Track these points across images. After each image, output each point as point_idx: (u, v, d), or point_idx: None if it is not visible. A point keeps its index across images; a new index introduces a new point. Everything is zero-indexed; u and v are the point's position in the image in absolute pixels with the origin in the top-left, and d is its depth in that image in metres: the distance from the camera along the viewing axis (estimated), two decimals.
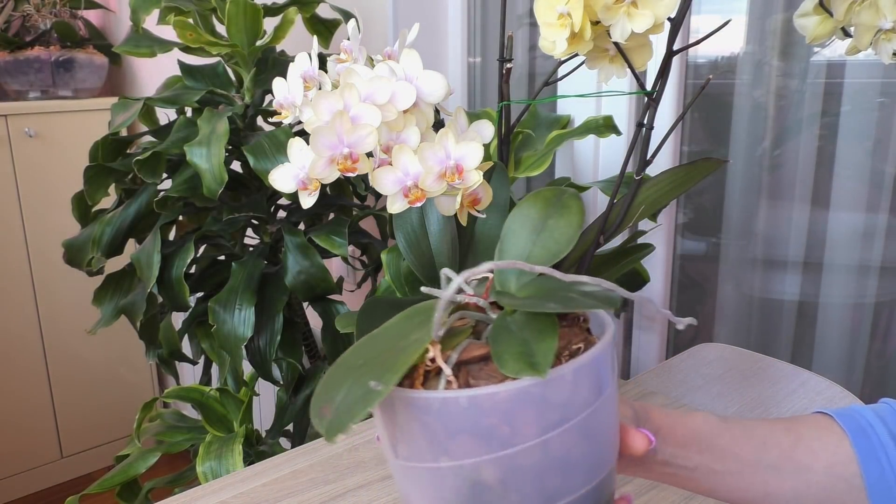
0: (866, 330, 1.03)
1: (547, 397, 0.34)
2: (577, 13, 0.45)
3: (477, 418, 0.34)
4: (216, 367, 1.08)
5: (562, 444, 0.35)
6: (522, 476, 0.35)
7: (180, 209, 1.06)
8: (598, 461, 0.37)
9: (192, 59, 1.10)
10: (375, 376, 0.33)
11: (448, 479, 0.35)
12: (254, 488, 0.67)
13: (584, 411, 0.35)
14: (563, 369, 0.34)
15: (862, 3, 0.51)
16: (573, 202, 0.41)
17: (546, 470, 0.35)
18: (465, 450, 0.34)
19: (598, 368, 0.36)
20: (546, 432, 0.34)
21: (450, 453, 0.35)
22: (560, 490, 0.35)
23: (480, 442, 0.34)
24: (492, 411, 0.33)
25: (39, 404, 2.13)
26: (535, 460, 0.34)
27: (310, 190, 0.46)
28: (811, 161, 1.04)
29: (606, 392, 0.36)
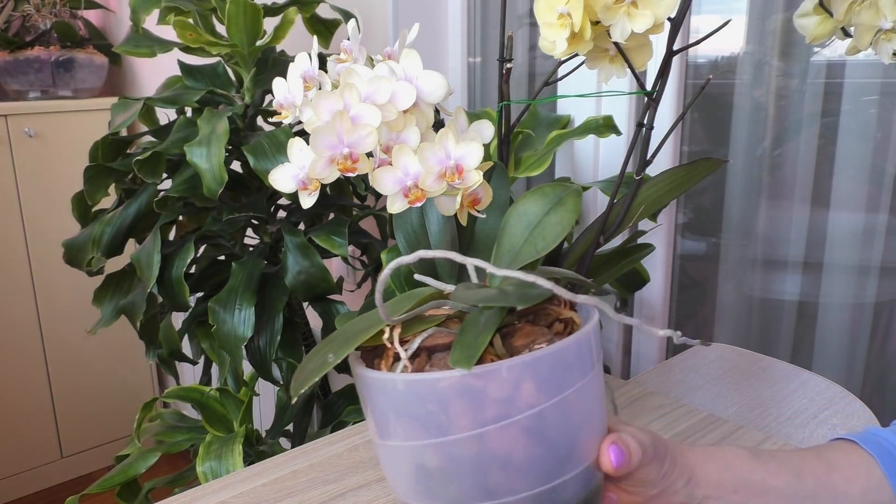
0: (866, 330, 1.03)
1: (485, 391, 0.34)
2: (577, 13, 0.45)
3: (417, 403, 0.35)
4: (216, 367, 1.08)
5: (501, 440, 0.35)
6: (461, 467, 0.35)
7: (180, 209, 1.06)
8: (553, 464, 0.36)
9: (192, 59, 1.10)
10: (334, 351, 0.38)
11: (399, 457, 0.37)
12: (254, 488, 0.67)
13: (527, 411, 0.35)
14: (498, 365, 0.34)
15: (862, 3, 0.51)
16: (570, 199, 0.41)
17: (486, 464, 0.35)
18: (408, 432, 0.36)
19: (547, 370, 0.35)
20: (482, 426, 0.34)
21: (396, 434, 0.37)
22: (503, 487, 0.35)
23: (419, 426, 0.35)
24: (430, 398, 0.35)
25: (39, 404, 2.13)
26: (473, 453, 0.35)
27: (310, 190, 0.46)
28: (811, 161, 1.04)
29: (562, 395, 0.36)
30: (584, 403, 0.37)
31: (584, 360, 0.37)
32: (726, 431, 0.75)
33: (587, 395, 0.37)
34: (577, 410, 0.37)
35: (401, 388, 0.36)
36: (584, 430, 0.38)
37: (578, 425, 0.37)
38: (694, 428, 0.76)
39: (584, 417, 0.37)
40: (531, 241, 0.40)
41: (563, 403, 0.36)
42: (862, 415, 0.84)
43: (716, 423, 0.77)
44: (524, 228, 0.41)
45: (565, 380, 0.36)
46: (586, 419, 0.38)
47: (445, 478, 0.36)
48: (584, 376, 0.37)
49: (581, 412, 0.37)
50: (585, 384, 0.37)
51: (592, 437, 0.38)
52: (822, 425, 0.82)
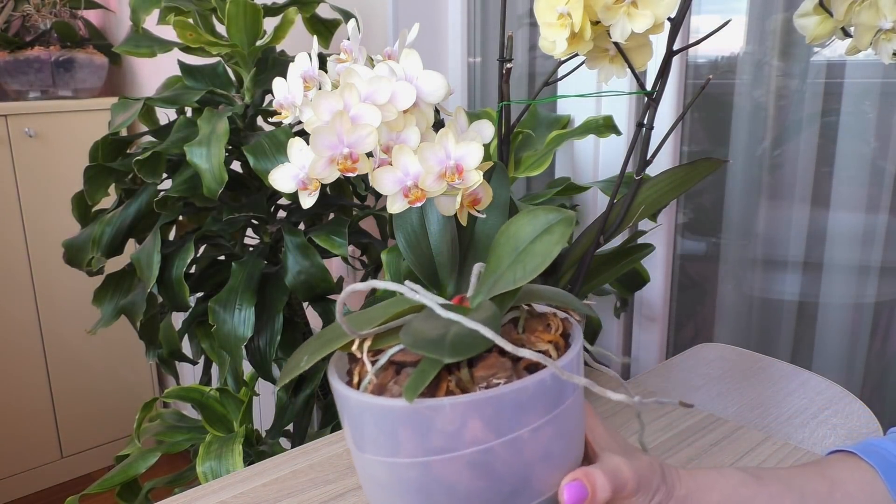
0: (866, 330, 1.03)
1: (432, 423, 0.35)
2: (577, 13, 0.45)
3: (371, 422, 0.36)
4: (216, 367, 1.08)
5: (446, 470, 0.35)
6: (408, 488, 0.36)
7: (180, 209, 1.06)
8: (500, 497, 0.36)
9: (192, 59, 1.10)
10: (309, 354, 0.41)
11: (359, 465, 0.39)
12: (254, 488, 0.67)
13: (473, 447, 0.35)
14: (441, 402, 0.35)
15: (862, 3, 0.51)
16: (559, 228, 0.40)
17: (431, 489, 0.36)
18: (363, 445, 0.37)
19: (495, 411, 0.35)
20: (427, 454, 0.35)
21: (355, 443, 0.38)
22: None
23: (372, 443, 0.36)
24: (382, 420, 0.36)
25: (39, 404, 2.13)
26: (418, 476, 0.36)
27: (310, 190, 0.46)
28: (811, 161, 1.04)
29: (513, 435, 0.35)
30: (542, 441, 0.36)
31: (547, 398, 0.36)
32: (726, 431, 0.75)
33: (546, 433, 0.36)
34: (532, 448, 0.36)
35: (354, 406, 0.37)
36: (541, 465, 0.37)
37: (532, 462, 0.37)
38: (694, 428, 0.76)
39: (542, 454, 0.37)
40: (511, 269, 0.40)
41: (515, 442, 0.35)
42: (862, 415, 0.84)
43: (716, 423, 0.77)
44: (510, 252, 0.41)
45: (518, 420, 0.35)
46: (545, 455, 0.37)
47: (394, 494, 0.37)
48: (544, 415, 0.36)
49: (537, 449, 0.36)
50: (546, 423, 0.36)
51: (553, 471, 0.38)
52: (822, 425, 0.82)
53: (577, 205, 1.14)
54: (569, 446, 0.39)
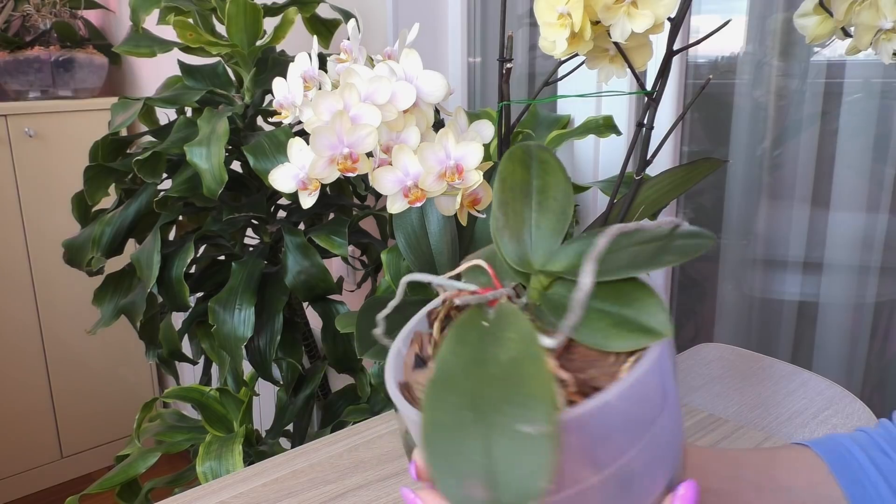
0: (866, 330, 1.03)
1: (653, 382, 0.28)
2: (577, 13, 0.45)
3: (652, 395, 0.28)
4: (216, 367, 1.08)
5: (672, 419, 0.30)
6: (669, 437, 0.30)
7: (180, 209, 1.06)
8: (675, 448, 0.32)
9: (192, 59, 1.10)
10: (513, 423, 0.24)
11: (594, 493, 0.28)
12: (254, 488, 0.67)
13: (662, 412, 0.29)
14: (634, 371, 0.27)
15: (862, 3, 0.51)
16: (550, 157, 0.35)
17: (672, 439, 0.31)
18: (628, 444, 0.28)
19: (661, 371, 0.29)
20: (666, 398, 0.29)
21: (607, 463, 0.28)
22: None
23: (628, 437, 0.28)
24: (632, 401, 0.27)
25: (39, 404, 2.13)
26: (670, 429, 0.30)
27: (310, 190, 0.46)
28: (811, 161, 1.04)
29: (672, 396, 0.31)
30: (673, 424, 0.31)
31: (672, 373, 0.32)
32: (726, 431, 0.75)
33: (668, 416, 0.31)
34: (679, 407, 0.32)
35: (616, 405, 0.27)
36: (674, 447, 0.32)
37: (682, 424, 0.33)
38: (694, 428, 0.76)
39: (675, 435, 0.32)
40: (546, 207, 0.34)
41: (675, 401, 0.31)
42: (862, 415, 0.84)
43: (716, 423, 0.77)
44: (524, 198, 0.34)
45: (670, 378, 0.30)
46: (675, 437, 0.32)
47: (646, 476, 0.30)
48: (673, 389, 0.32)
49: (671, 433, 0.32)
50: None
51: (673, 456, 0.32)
52: (822, 425, 0.82)
53: (577, 205, 1.14)
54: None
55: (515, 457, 0.23)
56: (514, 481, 0.22)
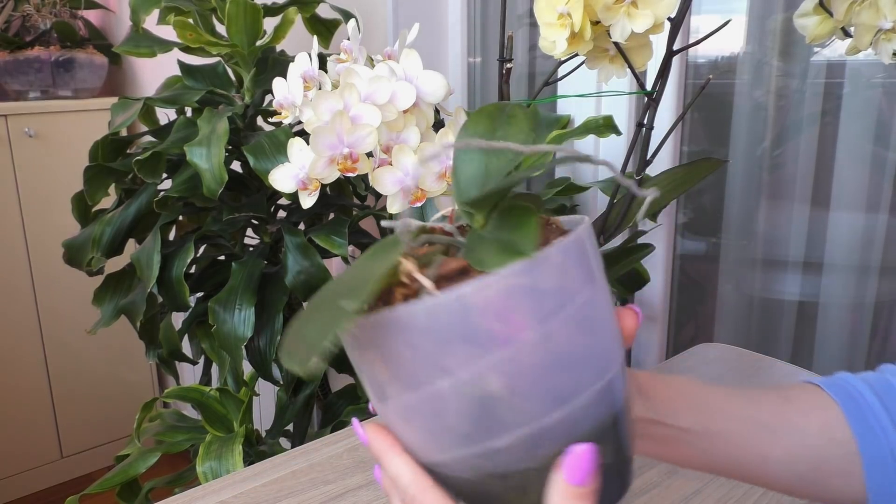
0: (866, 330, 1.03)
1: (538, 285, 0.31)
2: (577, 13, 0.45)
3: (469, 322, 0.30)
4: (216, 367, 1.08)
5: (563, 335, 0.32)
6: (530, 377, 0.32)
7: (180, 209, 1.06)
8: (605, 354, 0.34)
9: (192, 59, 1.10)
10: (346, 298, 0.30)
11: (449, 401, 0.32)
12: (254, 488, 0.67)
13: (579, 298, 0.32)
14: (549, 250, 0.31)
15: (862, 3, 0.51)
16: (518, 111, 0.37)
17: (552, 367, 0.32)
18: (463, 361, 0.31)
19: (585, 252, 0.33)
20: (545, 323, 0.31)
21: (447, 370, 0.31)
22: (570, 388, 0.32)
23: (478, 348, 0.31)
24: (484, 310, 0.30)
25: (39, 404, 2.13)
26: (540, 357, 0.31)
27: (310, 190, 0.46)
28: (811, 161, 1.04)
29: (599, 280, 0.34)
30: (608, 288, 0.35)
31: (597, 248, 0.35)
32: None
33: (598, 294, 0.34)
34: (608, 294, 0.35)
35: (453, 309, 0.30)
36: (613, 315, 0.35)
37: (611, 316, 0.35)
38: None
39: (611, 302, 0.35)
40: (495, 155, 0.36)
41: (601, 287, 0.34)
42: None
43: None
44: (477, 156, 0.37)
45: (595, 263, 0.34)
46: (611, 304, 0.35)
47: (512, 397, 0.32)
48: (600, 264, 0.35)
49: (609, 296, 0.35)
50: (601, 282, 0.35)
51: (616, 321, 0.36)
52: None
53: (577, 205, 1.14)
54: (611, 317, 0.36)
55: (323, 322, 0.29)
56: (314, 337, 0.29)
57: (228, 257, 1.17)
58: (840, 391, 0.45)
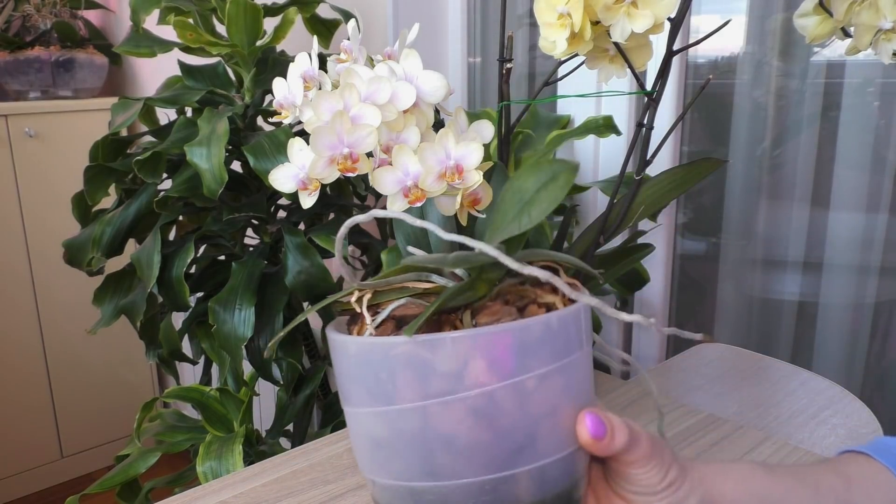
0: (866, 330, 1.03)
1: (432, 363, 0.33)
2: (577, 13, 0.45)
3: (368, 369, 0.35)
4: (216, 367, 1.08)
5: (445, 418, 0.33)
6: (406, 441, 0.34)
7: (180, 209, 1.06)
8: (502, 453, 0.34)
9: (192, 59, 1.10)
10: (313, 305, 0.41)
11: (356, 425, 0.37)
12: (254, 488, 0.67)
13: (474, 390, 0.33)
14: (444, 336, 0.33)
15: (862, 3, 0.51)
16: (563, 176, 0.39)
17: (430, 442, 0.34)
18: (360, 399, 0.35)
19: (500, 349, 0.33)
20: (425, 399, 0.33)
21: (352, 399, 0.36)
22: (447, 469, 0.34)
23: (368, 394, 0.35)
24: (380, 364, 0.34)
25: (39, 404, 2.13)
26: (416, 427, 0.34)
27: (310, 190, 0.46)
28: (811, 161, 1.04)
29: (517, 379, 0.34)
30: (548, 393, 0.34)
31: (553, 344, 0.35)
32: (726, 431, 0.75)
33: (552, 384, 0.34)
34: (537, 400, 0.34)
35: (353, 352, 0.36)
36: (547, 421, 0.35)
37: (538, 416, 0.34)
38: (694, 428, 0.76)
39: (549, 408, 0.35)
40: (517, 219, 0.39)
41: (518, 388, 0.34)
42: (862, 415, 0.84)
43: (716, 423, 0.77)
44: (515, 205, 0.40)
45: (523, 363, 0.34)
46: (551, 411, 0.35)
47: (391, 451, 0.35)
48: (549, 363, 0.34)
49: (543, 402, 0.34)
50: (552, 371, 0.34)
51: (561, 430, 0.36)
52: (822, 425, 0.82)
53: (577, 205, 1.14)
54: (577, 406, 0.36)
55: None
56: None
57: (228, 257, 1.17)
58: (891, 457, 0.45)
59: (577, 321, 0.36)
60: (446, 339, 0.33)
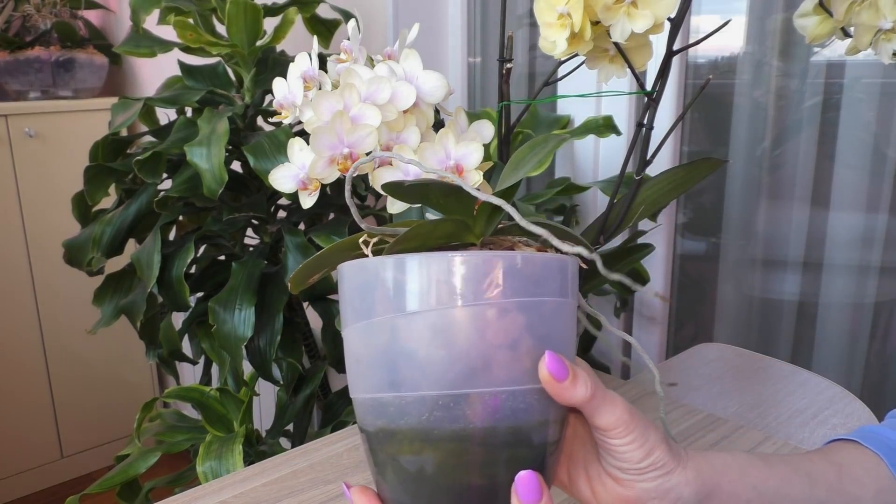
0: (866, 330, 1.03)
1: (402, 282, 0.37)
2: (577, 13, 0.45)
3: (354, 289, 0.39)
4: (216, 367, 1.08)
5: (408, 332, 0.37)
6: (376, 353, 0.38)
7: (180, 209, 1.06)
8: (457, 372, 0.36)
9: (192, 59, 1.10)
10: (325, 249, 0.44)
11: (346, 343, 0.41)
12: (254, 488, 0.67)
13: (434, 309, 0.36)
14: (413, 256, 0.37)
15: (862, 3, 0.51)
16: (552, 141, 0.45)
17: (394, 354, 0.37)
18: (347, 318, 0.40)
19: (458, 273, 0.36)
20: (395, 313, 0.37)
21: (345, 322, 0.40)
22: (407, 382, 0.37)
23: (353, 312, 0.39)
24: (363, 283, 0.38)
25: (39, 404, 2.13)
26: (384, 340, 0.37)
27: (310, 190, 0.46)
28: (811, 161, 1.04)
29: (472, 305, 0.36)
30: (509, 327, 0.36)
31: (520, 281, 0.37)
32: (726, 431, 0.75)
33: (514, 320, 0.36)
34: (496, 330, 0.36)
35: (345, 275, 0.39)
36: (505, 353, 0.37)
37: (497, 345, 0.36)
38: (694, 428, 0.76)
39: (509, 342, 0.37)
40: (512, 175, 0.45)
41: (478, 315, 0.36)
42: (862, 415, 0.84)
43: (716, 423, 0.77)
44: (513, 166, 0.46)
45: (484, 292, 0.36)
46: (512, 344, 0.37)
47: (365, 365, 0.39)
48: (512, 296, 0.36)
49: (504, 333, 0.36)
50: (514, 307, 0.36)
51: (519, 364, 0.37)
52: (822, 425, 0.82)
53: (577, 205, 1.14)
54: (543, 349, 0.38)
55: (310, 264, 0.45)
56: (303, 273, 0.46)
57: (228, 257, 1.17)
58: (881, 446, 0.46)
59: (549, 268, 0.38)
60: (415, 259, 0.36)
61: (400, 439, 0.38)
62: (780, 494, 0.43)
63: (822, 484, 0.44)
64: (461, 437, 0.36)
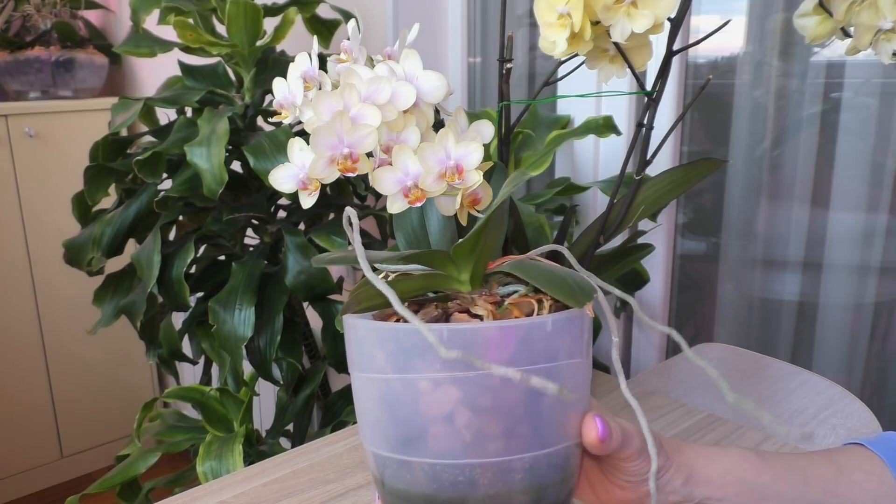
0: (866, 330, 1.03)
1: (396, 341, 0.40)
2: (577, 13, 0.45)
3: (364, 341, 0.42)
4: (216, 367, 1.08)
5: (371, 391, 0.41)
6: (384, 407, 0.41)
7: (180, 209, 1.06)
8: (399, 436, 0.41)
9: (192, 59, 1.10)
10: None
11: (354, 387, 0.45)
12: (254, 488, 0.67)
13: (378, 374, 0.40)
14: (396, 325, 0.41)
15: (862, 3, 0.51)
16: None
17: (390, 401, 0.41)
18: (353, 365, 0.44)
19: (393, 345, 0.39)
20: (384, 372, 0.40)
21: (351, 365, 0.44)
22: (378, 433, 0.42)
23: (368, 365, 0.42)
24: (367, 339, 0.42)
25: (39, 404, 2.13)
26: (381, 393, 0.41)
27: (310, 190, 0.46)
28: (811, 161, 1.04)
29: (407, 375, 0.39)
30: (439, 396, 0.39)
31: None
32: (726, 431, 0.75)
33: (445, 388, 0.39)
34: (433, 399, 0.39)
35: (350, 329, 0.44)
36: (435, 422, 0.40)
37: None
38: (694, 428, 0.76)
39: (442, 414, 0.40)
40: None
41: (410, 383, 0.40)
42: (862, 415, 0.84)
43: (716, 423, 0.77)
44: None
45: (410, 363, 0.39)
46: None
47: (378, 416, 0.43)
48: (433, 368, 0.39)
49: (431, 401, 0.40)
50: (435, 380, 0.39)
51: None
52: (822, 425, 0.82)
53: (577, 205, 1.14)
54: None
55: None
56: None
57: (228, 257, 1.17)
58: (890, 452, 0.45)
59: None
60: (398, 328, 0.40)
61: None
62: (771, 491, 0.43)
63: (818, 484, 0.44)
64: None
